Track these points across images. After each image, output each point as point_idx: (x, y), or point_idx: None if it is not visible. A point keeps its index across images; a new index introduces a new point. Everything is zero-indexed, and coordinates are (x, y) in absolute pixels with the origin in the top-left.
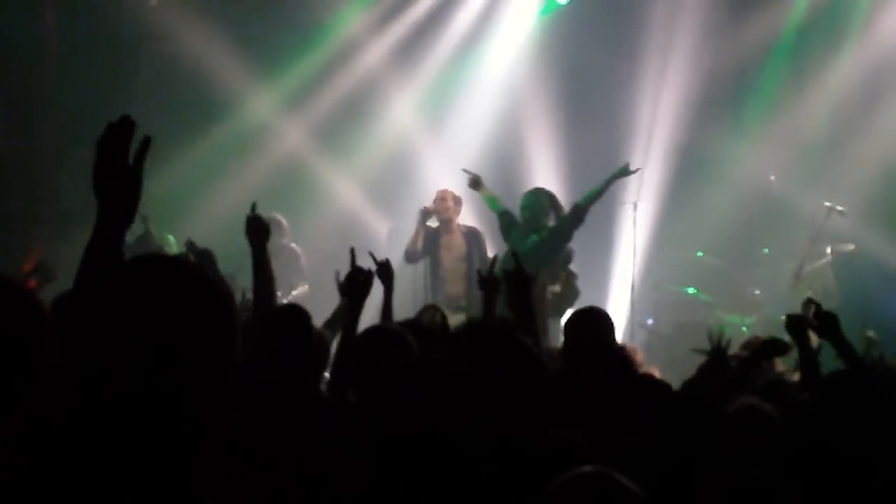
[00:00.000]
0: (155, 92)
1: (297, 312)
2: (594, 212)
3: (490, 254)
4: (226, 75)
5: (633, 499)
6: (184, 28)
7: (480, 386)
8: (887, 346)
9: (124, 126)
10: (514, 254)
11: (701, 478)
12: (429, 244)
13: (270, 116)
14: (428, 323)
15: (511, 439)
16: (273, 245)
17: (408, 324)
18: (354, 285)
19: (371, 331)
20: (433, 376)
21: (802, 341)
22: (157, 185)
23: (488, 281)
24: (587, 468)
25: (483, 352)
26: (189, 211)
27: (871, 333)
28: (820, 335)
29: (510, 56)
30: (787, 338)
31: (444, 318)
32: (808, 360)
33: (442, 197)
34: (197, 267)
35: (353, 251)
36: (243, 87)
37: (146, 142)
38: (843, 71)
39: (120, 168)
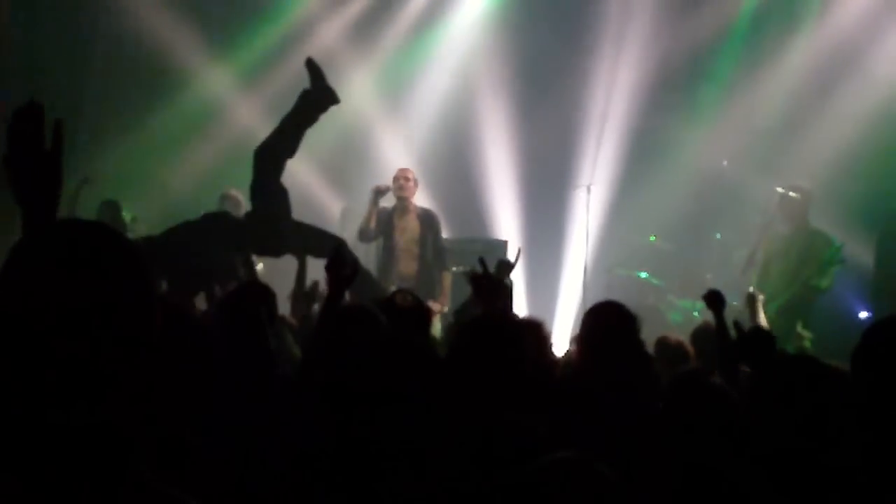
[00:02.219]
0: (111, 68)
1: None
2: (547, 195)
3: (443, 235)
4: (182, 51)
5: (609, 485)
6: (141, 3)
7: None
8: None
9: (33, 110)
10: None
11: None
12: (383, 224)
13: (226, 93)
14: (401, 303)
15: (476, 425)
16: None
17: (382, 304)
18: (340, 271)
19: (344, 309)
20: (404, 354)
21: (718, 316)
22: (112, 160)
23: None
24: (564, 453)
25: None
26: (144, 186)
27: (801, 330)
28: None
29: (466, 36)
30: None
31: (416, 298)
32: (722, 335)
33: (405, 176)
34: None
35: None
36: (199, 64)
37: (59, 125)
38: (798, 56)
39: (34, 154)
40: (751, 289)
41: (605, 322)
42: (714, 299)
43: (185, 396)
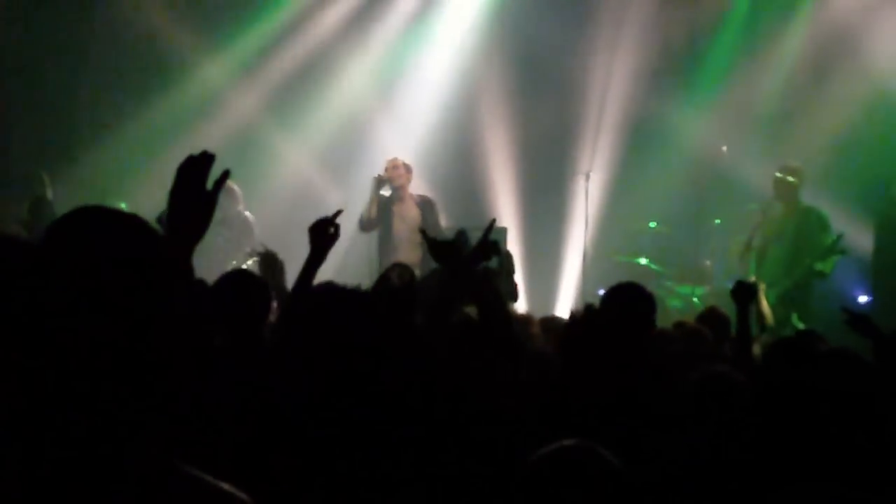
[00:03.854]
0: (107, 58)
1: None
2: (546, 182)
3: (442, 223)
4: (179, 41)
5: (613, 471)
6: None
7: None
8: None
9: (204, 157)
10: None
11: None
12: (381, 213)
13: (223, 83)
14: (396, 280)
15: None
16: (227, 213)
17: (377, 284)
18: (321, 232)
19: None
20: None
21: (742, 310)
22: (110, 152)
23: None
24: (569, 441)
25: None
26: (141, 177)
27: (796, 322)
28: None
29: (463, 24)
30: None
31: (412, 275)
32: (743, 329)
33: (394, 165)
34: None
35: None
36: (197, 54)
37: (226, 174)
38: (795, 41)
39: (196, 193)
40: (752, 278)
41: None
42: (741, 292)
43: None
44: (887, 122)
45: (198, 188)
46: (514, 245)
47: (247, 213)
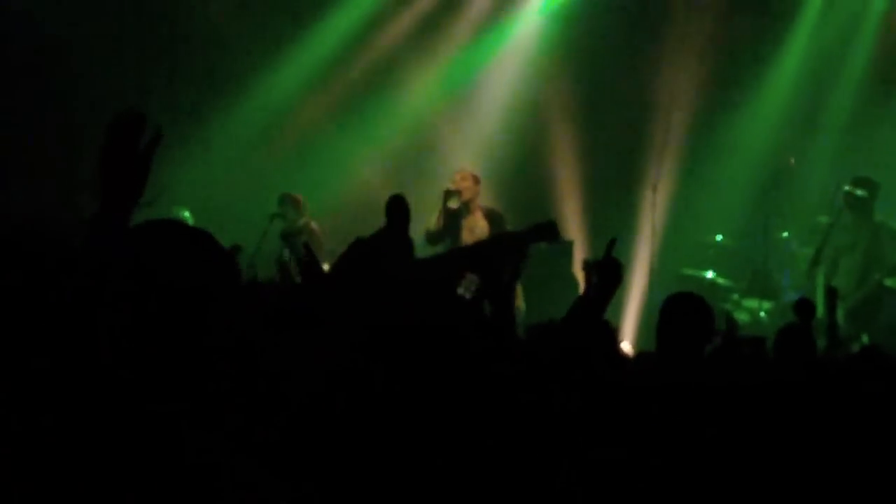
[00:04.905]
0: (173, 64)
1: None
2: (613, 195)
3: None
4: (246, 48)
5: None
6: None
7: None
8: None
9: (135, 116)
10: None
11: None
12: (450, 225)
13: (289, 92)
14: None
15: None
16: (292, 223)
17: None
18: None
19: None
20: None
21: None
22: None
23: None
24: None
25: None
26: (206, 185)
27: (866, 339)
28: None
29: (531, 36)
30: None
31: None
32: (832, 330)
33: (462, 177)
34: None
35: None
36: (263, 61)
37: (159, 132)
38: (865, 50)
39: (128, 154)
40: (831, 284)
41: (685, 313)
42: (803, 309)
43: None
44: None
45: (129, 148)
46: (580, 258)
47: (313, 224)
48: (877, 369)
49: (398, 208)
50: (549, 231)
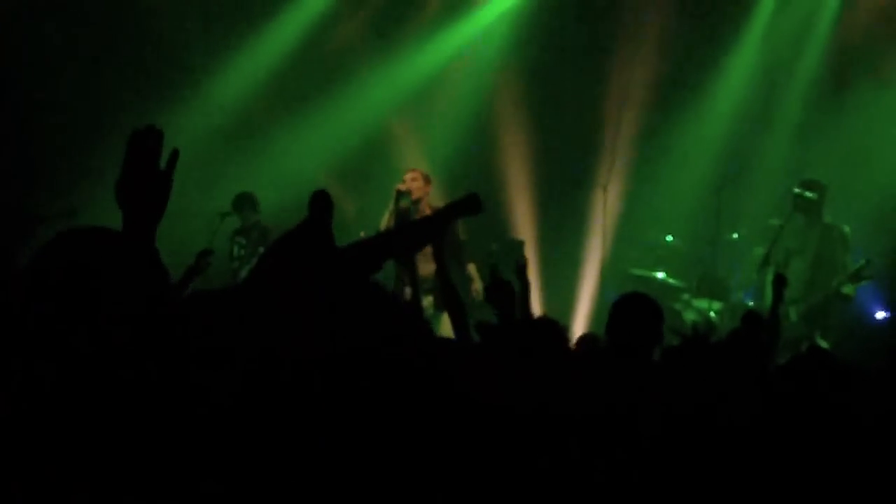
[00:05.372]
0: (124, 65)
1: None
2: (564, 195)
3: (461, 235)
4: (193, 48)
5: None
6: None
7: None
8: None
9: (153, 132)
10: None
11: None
12: (399, 223)
13: (243, 91)
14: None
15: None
16: (245, 222)
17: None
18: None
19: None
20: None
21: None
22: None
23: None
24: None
25: None
26: None
27: (819, 340)
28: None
29: (484, 36)
30: None
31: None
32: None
33: (413, 177)
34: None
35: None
36: (216, 60)
37: (175, 153)
38: (816, 53)
39: (149, 172)
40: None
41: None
42: (779, 282)
43: None
44: None
45: (150, 167)
46: (531, 257)
47: (264, 223)
48: (823, 372)
49: (318, 201)
50: (472, 204)
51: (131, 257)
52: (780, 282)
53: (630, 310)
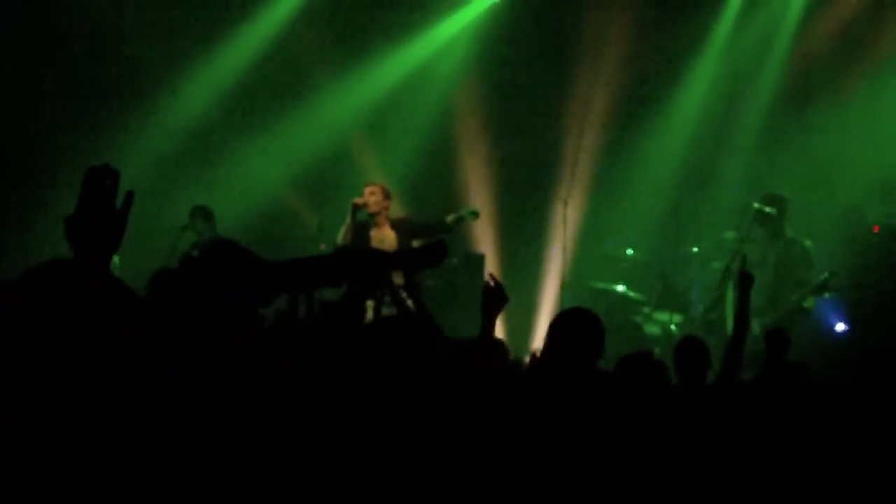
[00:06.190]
0: (74, 74)
1: None
2: (525, 209)
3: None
4: (159, 63)
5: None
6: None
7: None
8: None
9: (109, 171)
10: None
11: None
12: (357, 238)
13: (202, 105)
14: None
15: None
16: (202, 236)
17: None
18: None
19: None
20: None
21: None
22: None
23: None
24: None
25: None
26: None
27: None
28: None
29: (445, 50)
30: (712, 339)
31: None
32: (743, 312)
33: (371, 191)
34: None
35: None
36: (175, 75)
37: (130, 195)
38: (775, 70)
39: (104, 209)
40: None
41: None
42: (744, 280)
43: None
44: (865, 148)
45: (105, 204)
46: (491, 271)
47: (223, 237)
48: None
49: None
50: (437, 252)
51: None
52: (745, 280)
53: (568, 325)
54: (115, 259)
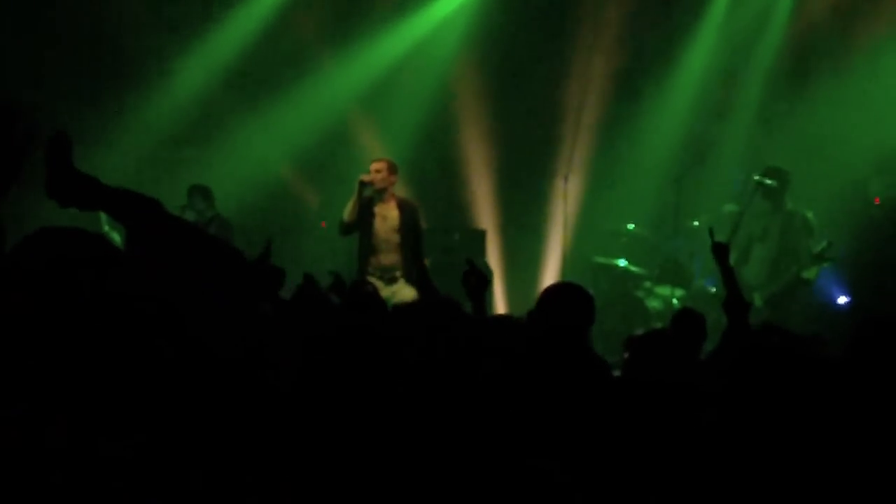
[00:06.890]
0: (70, 57)
1: None
2: (525, 185)
3: (422, 226)
4: (159, 42)
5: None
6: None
7: None
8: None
9: (61, 138)
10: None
11: None
12: (363, 214)
13: (202, 84)
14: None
15: None
16: (202, 215)
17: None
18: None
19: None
20: None
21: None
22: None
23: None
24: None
25: None
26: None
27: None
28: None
29: (443, 26)
30: (714, 311)
31: (375, 290)
32: (729, 281)
33: (377, 167)
34: None
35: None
36: (175, 54)
37: (59, 134)
38: (774, 42)
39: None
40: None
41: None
42: (719, 251)
43: None
44: (864, 122)
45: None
46: (492, 247)
47: (223, 216)
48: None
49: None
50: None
51: (105, 253)
52: (718, 251)
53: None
54: (116, 237)
